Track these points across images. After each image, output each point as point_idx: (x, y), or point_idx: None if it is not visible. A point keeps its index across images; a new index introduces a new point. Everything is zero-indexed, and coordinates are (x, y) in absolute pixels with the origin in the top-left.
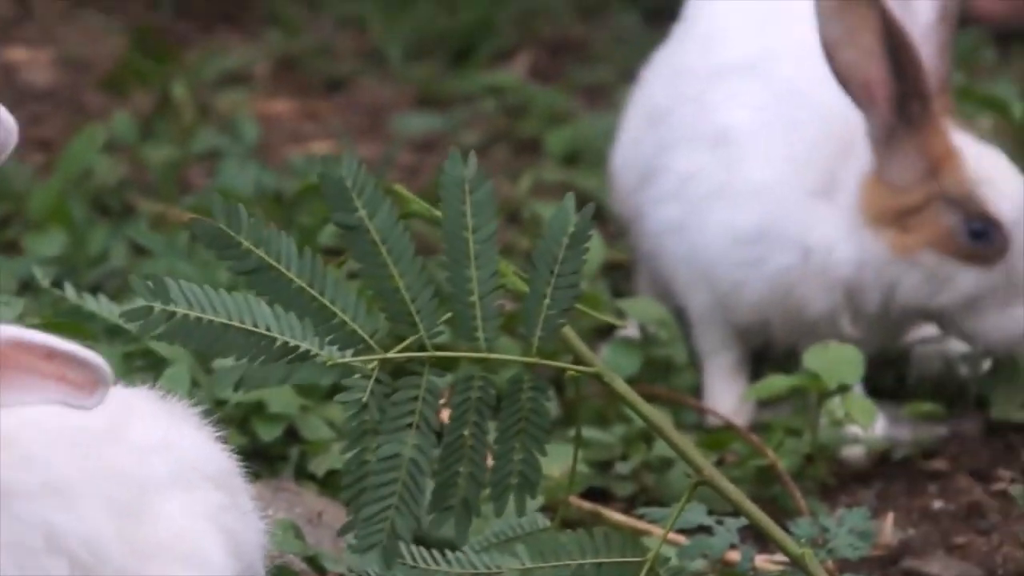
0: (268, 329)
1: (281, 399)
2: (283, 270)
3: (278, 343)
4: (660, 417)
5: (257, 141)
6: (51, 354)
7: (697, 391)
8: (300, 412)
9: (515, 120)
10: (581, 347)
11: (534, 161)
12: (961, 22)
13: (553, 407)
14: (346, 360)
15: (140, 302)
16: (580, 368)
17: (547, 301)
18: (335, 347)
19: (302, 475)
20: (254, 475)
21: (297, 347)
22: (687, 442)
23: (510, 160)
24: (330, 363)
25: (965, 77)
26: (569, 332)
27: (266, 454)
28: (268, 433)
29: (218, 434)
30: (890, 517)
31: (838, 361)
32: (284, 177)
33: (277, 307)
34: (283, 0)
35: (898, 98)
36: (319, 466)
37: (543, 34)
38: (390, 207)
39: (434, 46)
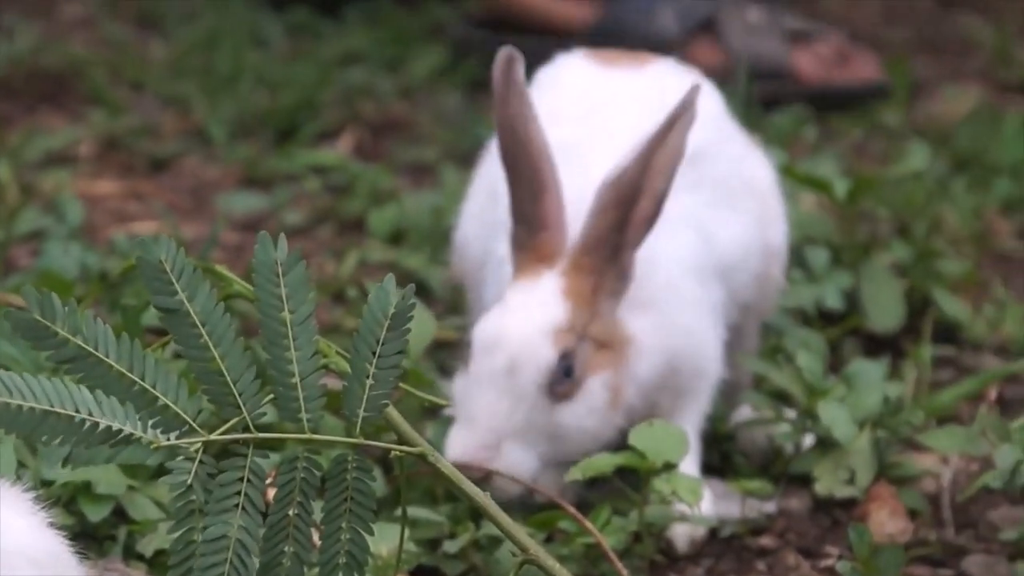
0: (90, 413)
1: (108, 479)
2: (102, 356)
3: (101, 427)
4: (484, 497)
5: (81, 221)
6: None
7: None
8: (127, 492)
9: (339, 199)
10: (405, 427)
11: (359, 240)
12: (781, 92)
13: (379, 486)
14: (169, 443)
15: None
16: (404, 448)
17: (370, 381)
18: (159, 429)
19: (130, 555)
20: (83, 556)
21: (120, 431)
22: (512, 521)
23: (335, 239)
24: (154, 447)
25: (788, 155)
26: (392, 412)
27: (94, 534)
28: (95, 513)
29: (49, 519)
30: None
31: (664, 439)
32: (109, 257)
33: (99, 392)
34: (105, 81)
35: None
36: (147, 546)
37: (366, 113)
38: (210, 289)
39: (258, 125)
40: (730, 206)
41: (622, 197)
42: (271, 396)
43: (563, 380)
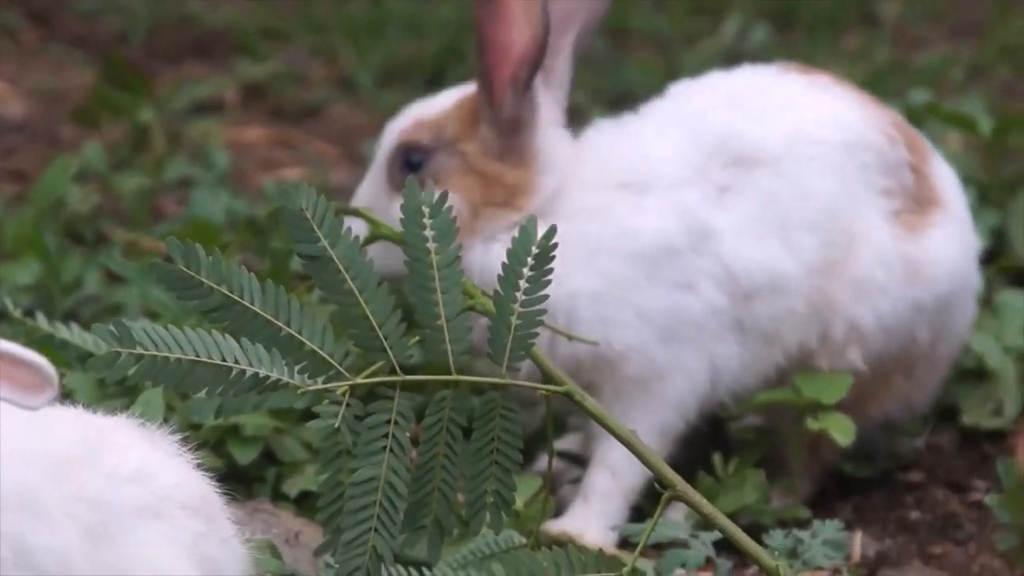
0: (236, 361)
1: (256, 422)
2: (247, 304)
3: (248, 375)
4: (628, 432)
5: (229, 169)
6: None
7: None
8: (275, 434)
9: None
10: (551, 367)
11: None
12: None
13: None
14: (316, 387)
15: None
16: (551, 388)
17: (515, 321)
18: (306, 375)
19: (278, 496)
20: (231, 497)
21: (267, 377)
22: (656, 457)
23: None
24: (301, 391)
25: (934, 94)
26: (538, 352)
27: (242, 476)
28: (244, 456)
29: (196, 461)
30: (859, 532)
31: (825, 382)
32: (256, 204)
33: (244, 340)
34: (253, 32)
35: None
36: (294, 487)
37: None
38: (352, 235)
39: (405, 73)
40: (775, 232)
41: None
42: (417, 339)
43: (405, 170)
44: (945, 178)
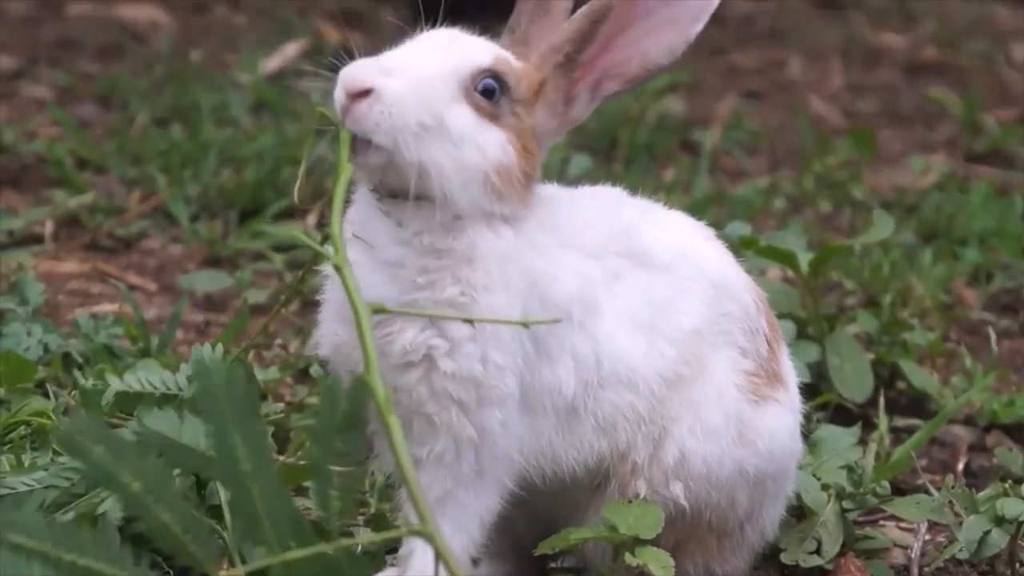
0: None
1: None
2: None
3: None
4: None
5: (43, 302)
6: None
7: None
8: None
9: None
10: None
11: None
12: None
13: None
14: None
15: None
16: None
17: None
18: None
19: None
20: None
21: None
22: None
23: (299, 317)
24: None
25: (753, 227)
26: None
27: None
28: None
29: None
30: None
31: (638, 515)
32: (70, 338)
33: None
34: (69, 163)
35: None
36: None
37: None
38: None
39: (222, 204)
40: (644, 330)
41: (591, 12)
42: None
43: (480, 95)
44: (789, 365)
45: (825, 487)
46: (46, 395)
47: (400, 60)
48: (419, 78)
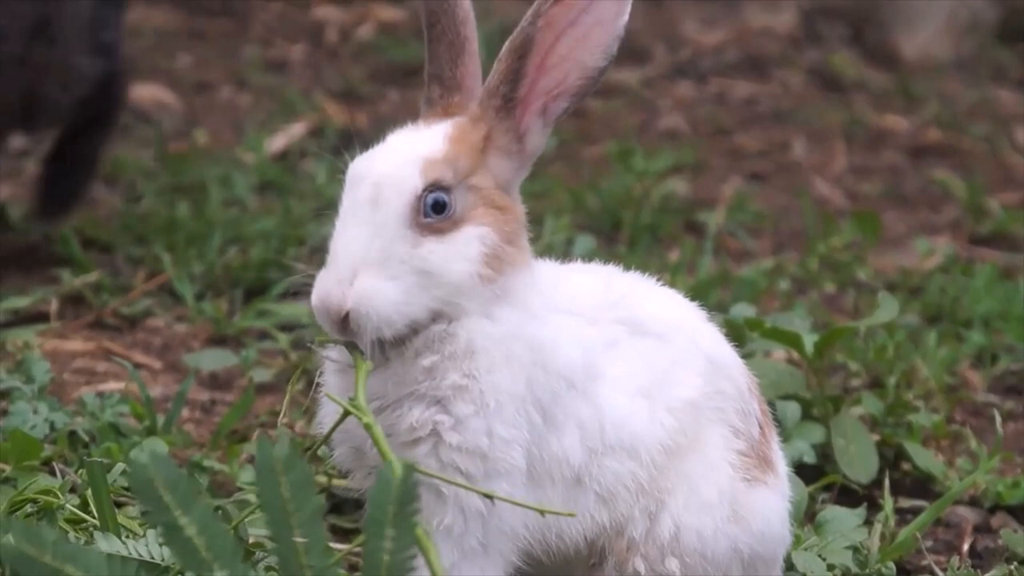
0: None
1: None
2: None
3: None
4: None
5: (49, 381)
6: None
7: None
8: None
9: (309, 355)
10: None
11: None
12: None
13: None
14: None
15: None
16: None
17: None
18: None
19: None
20: None
21: None
22: None
23: (305, 396)
24: None
25: (757, 309)
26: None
27: None
28: None
29: None
30: None
31: None
32: (77, 417)
33: None
34: (74, 242)
35: None
36: None
37: None
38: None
39: (227, 283)
40: (644, 394)
41: (514, 47)
42: None
43: (431, 214)
44: (780, 452)
45: (831, 568)
46: (52, 473)
47: (344, 248)
48: (375, 257)
